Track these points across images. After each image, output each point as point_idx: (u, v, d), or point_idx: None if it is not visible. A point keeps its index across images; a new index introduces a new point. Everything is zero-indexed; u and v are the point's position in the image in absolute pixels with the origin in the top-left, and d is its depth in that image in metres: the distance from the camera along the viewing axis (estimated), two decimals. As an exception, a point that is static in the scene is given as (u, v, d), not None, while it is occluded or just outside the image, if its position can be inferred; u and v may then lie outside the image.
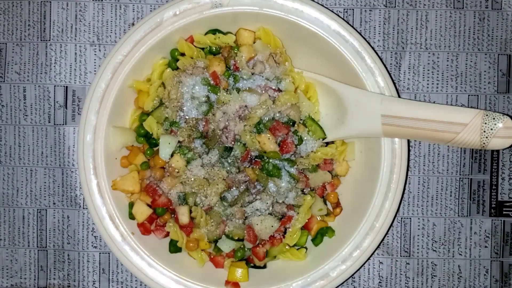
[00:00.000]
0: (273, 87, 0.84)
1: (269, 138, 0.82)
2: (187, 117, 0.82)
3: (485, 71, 0.93)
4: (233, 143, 0.83)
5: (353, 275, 0.85)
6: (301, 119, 0.85)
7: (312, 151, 0.85)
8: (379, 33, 0.92)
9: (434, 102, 0.92)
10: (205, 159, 0.83)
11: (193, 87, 0.82)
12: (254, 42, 0.85)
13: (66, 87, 0.92)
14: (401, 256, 0.93)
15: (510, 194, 0.93)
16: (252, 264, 0.87)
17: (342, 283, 0.84)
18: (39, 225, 0.92)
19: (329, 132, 0.86)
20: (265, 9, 0.83)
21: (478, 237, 0.93)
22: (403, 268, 0.93)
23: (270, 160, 0.83)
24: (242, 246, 0.85)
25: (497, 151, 0.93)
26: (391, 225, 0.86)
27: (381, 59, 0.84)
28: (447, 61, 0.92)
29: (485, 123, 0.76)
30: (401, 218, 0.93)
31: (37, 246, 0.92)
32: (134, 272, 0.84)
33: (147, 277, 0.84)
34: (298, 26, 0.83)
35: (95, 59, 0.91)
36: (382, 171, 0.83)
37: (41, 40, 0.91)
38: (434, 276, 0.93)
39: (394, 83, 0.85)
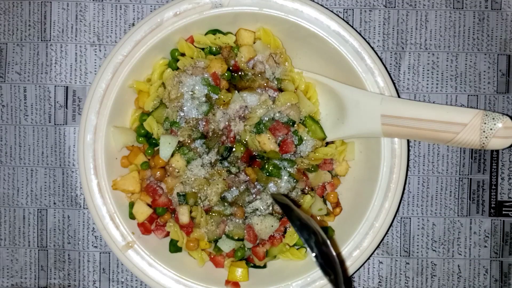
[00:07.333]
0: (273, 87, 0.84)
1: (269, 138, 0.82)
2: (187, 117, 0.83)
3: (484, 71, 0.93)
4: (233, 143, 0.83)
5: (353, 274, 0.85)
6: (301, 119, 0.85)
7: (312, 151, 0.85)
8: (378, 34, 0.92)
9: (433, 102, 0.92)
10: (205, 159, 0.83)
11: (193, 87, 0.82)
12: (254, 43, 0.85)
13: (67, 87, 0.92)
14: (400, 256, 0.93)
15: (510, 194, 0.93)
16: (252, 264, 0.87)
17: (342, 282, 0.85)
18: (40, 225, 0.92)
19: (329, 132, 0.86)
20: (265, 9, 0.83)
21: (477, 237, 0.93)
22: (403, 267, 0.93)
23: (270, 160, 0.83)
24: (242, 246, 0.86)
25: (497, 151, 0.93)
26: (391, 224, 0.86)
27: (380, 59, 0.84)
28: (447, 61, 0.92)
29: (485, 123, 0.76)
30: (401, 218, 0.93)
31: (38, 246, 0.92)
32: (135, 272, 0.84)
33: (148, 276, 0.84)
34: (298, 26, 0.83)
35: (95, 59, 0.91)
36: (381, 171, 0.83)
37: (41, 40, 0.92)
38: (434, 275, 0.93)
39: (394, 83, 0.85)
